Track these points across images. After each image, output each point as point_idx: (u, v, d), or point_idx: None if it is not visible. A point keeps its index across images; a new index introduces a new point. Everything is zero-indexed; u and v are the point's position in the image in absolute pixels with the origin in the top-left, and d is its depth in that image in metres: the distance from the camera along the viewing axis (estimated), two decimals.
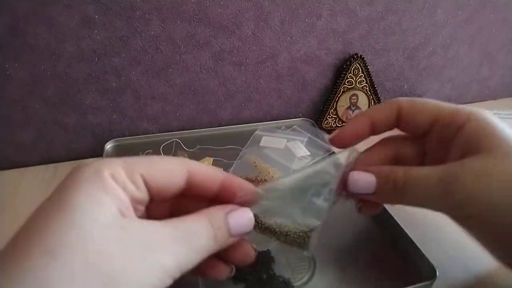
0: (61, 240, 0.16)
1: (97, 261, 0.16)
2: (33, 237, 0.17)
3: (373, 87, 0.58)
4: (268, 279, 0.31)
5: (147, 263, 0.18)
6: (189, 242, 0.20)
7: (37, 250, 0.16)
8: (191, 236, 0.20)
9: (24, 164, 0.49)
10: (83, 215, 0.17)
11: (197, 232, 0.21)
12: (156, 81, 0.49)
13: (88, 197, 0.18)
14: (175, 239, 0.20)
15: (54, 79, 0.45)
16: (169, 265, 0.19)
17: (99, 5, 0.42)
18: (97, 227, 0.17)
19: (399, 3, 0.54)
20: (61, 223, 0.17)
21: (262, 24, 0.49)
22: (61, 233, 0.16)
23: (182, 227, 0.20)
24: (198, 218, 0.21)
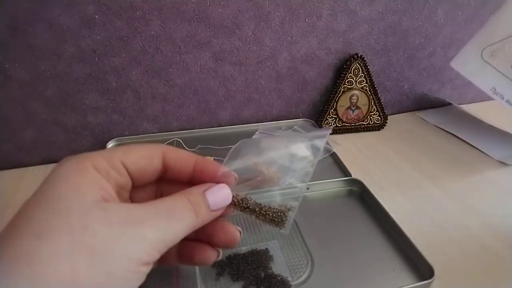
0: (47, 224, 0.18)
1: (82, 238, 0.18)
2: (22, 224, 0.18)
3: (373, 87, 0.58)
4: (266, 277, 0.31)
5: (130, 236, 0.19)
6: (169, 216, 0.21)
7: (25, 234, 0.17)
8: (171, 211, 0.21)
9: (24, 164, 0.49)
10: (67, 202, 0.18)
11: (176, 208, 0.22)
12: (156, 81, 0.49)
13: (71, 186, 0.19)
14: (156, 214, 0.21)
15: (54, 79, 0.45)
16: (151, 238, 0.20)
17: (99, 5, 0.42)
18: (81, 210, 0.18)
19: (399, 3, 0.54)
20: (47, 210, 0.18)
21: (262, 24, 0.49)
22: (47, 219, 0.18)
23: (162, 204, 0.22)
24: (176, 196, 0.23)
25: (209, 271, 0.32)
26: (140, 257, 0.19)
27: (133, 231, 0.19)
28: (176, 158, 0.25)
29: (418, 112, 0.67)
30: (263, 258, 0.33)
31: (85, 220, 0.18)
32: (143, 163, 0.24)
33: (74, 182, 0.19)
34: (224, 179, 0.25)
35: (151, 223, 0.20)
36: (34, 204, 0.19)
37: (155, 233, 0.20)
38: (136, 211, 0.20)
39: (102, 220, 0.19)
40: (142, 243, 0.19)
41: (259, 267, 0.32)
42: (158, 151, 0.24)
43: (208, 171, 0.25)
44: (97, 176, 0.21)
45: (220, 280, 0.31)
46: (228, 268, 0.32)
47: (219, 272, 0.32)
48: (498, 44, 0.52)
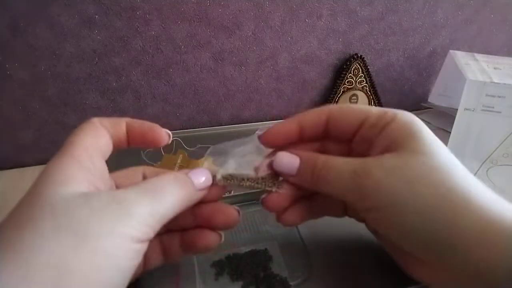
0: (31, 214, 0.18)
1: (65, 222, 0.18)
2: (11, 218, 0.19)
3: (373, 87, 0.58)
4: (265, 277, 0.31)
5: (115, 214, 0.19)
6: (157, 192, 0.22)
7: (10, 225, 0.18)
8: (159, 188, 0.22)
9: (24, 164, 0.49)
10: (50, 195, 0.19)
11: (164, 185, 0.22)
12: (156, 81, 0.49)
13: (53, 182, 0.20)
14: (143, 192, 0.21)
15: (54, 79, 0.45)
16: (139, 213, 0.20)
17: (100, 5, 0.42)
18: (64, 198, 0.19)
19: (399, 3, 0.54)
20: (33, 203, 0.19)
21: (263, 24, 0.49)
22: (33, 211, 0.18)
23: (147, 182, 0.22)
24: (163, 175, 0.23)
25: (208, 271, 0.32)
26: (130, 233, 0.19)
27: (118, 208, 0.19)
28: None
29: (420, 114, 0.66)
30: (262, 258, 0.33)
31: (69, 207, 0.18)
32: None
33: (56, 176, 0.20)
34: (155, 134, 0.26)
35: (137, 199, 0.20)
36: (21, 202, 0.19)
37: (142, 208, 0.20)
38: (120, 193, 0.21)
39: (85, 203, 0.19)
40: (130, 220, 0.19)
41: (259, 267, 0.32)
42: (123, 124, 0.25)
43: (138, 131, 0.26)
44: (81, 170, 0.21)
45: (219, 280, 0.31)
46: (227, 268, 0.32)
47: (218, 272, 0.32)
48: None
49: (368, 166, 0.24)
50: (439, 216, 0.22)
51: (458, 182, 0.22)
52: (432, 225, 0.22)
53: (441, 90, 0.63)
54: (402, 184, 0.23)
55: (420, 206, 0.22)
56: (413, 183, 0.23)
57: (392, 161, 0.24)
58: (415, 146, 0.24)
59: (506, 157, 0.50)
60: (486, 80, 0.49)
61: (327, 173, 0.25)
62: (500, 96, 0.49)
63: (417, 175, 0.23)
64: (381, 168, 0.23)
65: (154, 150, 0.49)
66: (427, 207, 0.22)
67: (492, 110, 0.50)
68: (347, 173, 0.25)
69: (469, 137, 0.51)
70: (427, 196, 0.22)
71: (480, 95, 0.49)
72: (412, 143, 0.24)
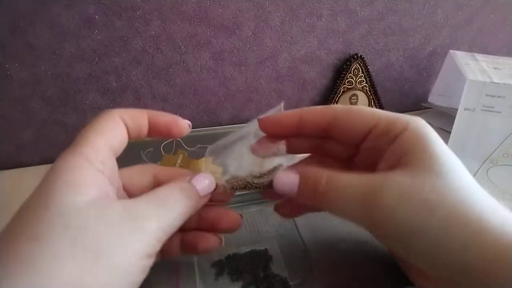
0: (45, 226, 0.17)
1: (82, 237, 0.17)
2: (19, 227, 0.18)
3: (373, 87, 0.58)
4: (265, 277, 0.31)
5: (131, 230, 0.19)
6: (166, 204, 0.22)
7: (23, 237, 0.17)
8: (167, 199, 0.22)
9: (24, 164, 0.49)
10: (64, 202, 0.18)
11: (170, 195, 0.22)
12: (156, 81, 0.49)
13: (66, 185, 0.19)
14: (153, 205, 0.21)
15: (54, 79, 0.45)
16: (152, 229, 0.20)
17: (100, 5, 0.42)
18: (78, 209, 0.18)
19: (399, 3, 0.54)
20: (44, 211, 0.18)
21: (263, 24, 0.49)
22: (45, 220, 0.18)
23: (157, 195, 0.22)
24: (167, 185, 0.23)
25: (208, 271, 0.32)
26: (144, 249, 0.19)
27: (133, 224, 0.19)
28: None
29: (420, 114, 0.66)
30: (262, 258, 0.33)
31: (84, 220, 0.18)
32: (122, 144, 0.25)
33: (67, 181, 0.19)
34: (176, 126, 0.26)
35: (151, 214, 0.21)
36: (31, 205, 0.19)
37: (154, 223, 0.20)
38: (133, 205, 0.21)
39: (101, 218, 0.19)
40: (143, 235, 0.19)
41: (258, 267, 0.32)
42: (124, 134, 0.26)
43: (162, 123, 0.26)
44: (91, 172, 0.21)
45: (219, 280, 0.31)
46: (227, 268, 0.32)
47: (218, 272, 0.32)
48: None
49: (378, 189, 0.22)
50: (454, 240, 0.21)
51: (473, 203, 0.21)
52: (447, 248, 0.21)
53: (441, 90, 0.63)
54: (417, 209, 0.21)
55: (436, 231, 0.21)
56: (428, 208, 0.21)
57: (405, 183, 0.22)
58: (429, 164, 0.22)
59: (506, 157, 0.50)
60: (486, 80, 0.49)
61: (331, 195, 0.24)
62: (500, 96, 0.49)
63: (433, 198, 0.21)
64: (394, 193, 0.22)
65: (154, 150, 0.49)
66: (443, 231, 0.21)
67: (492, 110, 0.50)
68: (354, 197, 0.23)
69: (469, 137, 0.51)
70: (442, 221, 0.21)
71: (480, 95, 0.49)
72: (425, 160, 0.22)
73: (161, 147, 0.50)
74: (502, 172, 0.49)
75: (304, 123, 0.27)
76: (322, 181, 0.24)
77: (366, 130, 0.25)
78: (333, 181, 0.24)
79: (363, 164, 0.27)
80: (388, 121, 0.25)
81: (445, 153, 0.23)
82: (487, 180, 0.48)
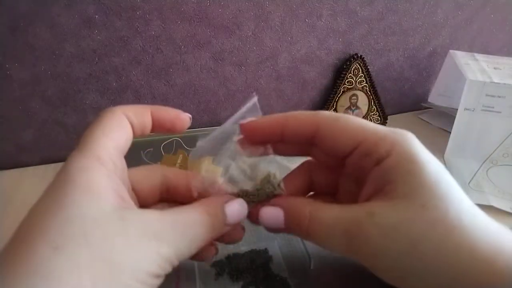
0: (64, 234, 0.17)
1: (101, 252, 0.17)
2: (36, 233, 0.17)
3: (373, 87, 0.58)
4: (265, 278, 0.31)
5: (147, 251, 0.19)
6: (187, 231, 0.21)
7: (40, 245, 0.16)
8: (189, 225, 0.21)
9: (24, 164, 0.49)
10: (82, 209, 0.18)
11: (195, 222, 0.21)
12: (156, 81, 0.49)
13: (83, 189, 0.19)
14: (174, 229, 0.20)
15: (54, 79, 0.45)
16: (168, 254, 0.20)
17: (100, 5, 0.42)
18: (97, 219, 0.18)
19: (399, 3, 0.54)
20: (61, 218, 0.17)
21: (263, 24, 0.49)
22: (62, 228, 0.17)
23: (181, 218, 0.21)
24: (196, 209, 0.22)
25: (208, 271, 0.32)
26: (155, 271, 0.19)
27: (150, 246, 0.19)
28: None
29: (420, 114, 0.66)
30: (262, 258, 0.33)
31: (103, 231, 0.18)
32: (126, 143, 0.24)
33: (84, 185, 0.19)
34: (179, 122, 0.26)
35: (170, 239, 0.20)
36: (46, 210, 0.18)
37: (173, 249, 0.20)
38: (153, 224, 0.20)
39: (120, 231, 0.18)
40: (157, 258, 0.19)
41: (258, 267, 0.32)
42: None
43: (166, 118, 0.25)
44: (105, 173, 0.20)
45: (219, 280, 0.31)
46: (227, 268, 0.32)
47: (218, 272, 0.32)
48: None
49: (361, 225, 0.21)
50: (444, 275, 0.20)
51: (465, 234, 0.20)
52: (437, 282, 0.20)
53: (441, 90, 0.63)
54: (402, 246, 0.20)
55: (424, 267, 0.20)
56: (415, 243, 0.20)
57: (389, 218, 0.21)
58: (414, 196, 0.21)
59: (506, 157, 0.50)
60: (486, 80, 0.49)
61: (315, 230, 0.23)
62: (500, 96, 0.49)
63: (420, 233, 0.20)
64: (377, 229, 0.21)
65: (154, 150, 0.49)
66: (432, 267, 0.20)
67: (492, 110, 0.50)
68: (338, 232, 0.22)
69: (469, 137, 0.51)
70: (431, 256, 0.20)
71: (480, 95, 0.49)
72: (412, 189, 0.21)
73: (161, 147, 0.50)
74: (502, 172, 0.49)
75: (287, 131, 0.26)
76: (305, 217, 0.23)
77: (350, 148, 0.24)
78: (317, 217, 0.23)
79: (350, 177, 0.26)
80: (373, 141, 0.23)
81: (434, 178, 0.21)
82: (487, 180, 0.48)
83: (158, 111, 0.25)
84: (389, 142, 0.22)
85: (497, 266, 0.20)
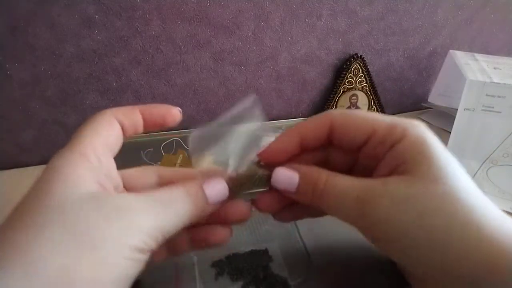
0: (42, 216, 0.18)
1: (75, 229, 0.18)
2: (17, 217, 0.18)
3: (373, 87, 0.58)
4: (265, 278, 0.31)
5: (125, 224, 0.19)
6: (167, 205, 0.21)
7: (18, 226, 0.18)
8: (168, 200, 0.21)
9: (24, 164, 0.49)
10: (60, 195, 0.19)
11: (174, 197, 0.22)
12: (156, 81, 0.49)
13: (63, 179, 0.19)
14: (152, 203, 0.21)
15: (54, 79, 0.45)
16: (147, 226, 0.20)
17: (100, 5, 0.42)
18: (73, 201, 0.18)
19: (399, 3, 0.54)
20: (40, 204, 0.18)
21: (262, 24, 0.49)
22: (40, 212, 0.18)
23: (160, 195, 0.22)
24: (174, 186, 0.23)
25: (208, 271, 0.32)
26: (136, 244, 0.19)
27: (128, 218, 0.19)
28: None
29: (420, 114, 0.66)
30: (262, 258, 0.33)
31: (79, 211, 0.18)
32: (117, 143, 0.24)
33: (65, 175, 0.19)
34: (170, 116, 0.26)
35: (148, 211, 0.20)
36: (30, 198, 0.19)
37: (151, 221, 0.20)
38: (131, 200, 0.20)
39: (95, 209, 0.19)
40: (137, 231, 0.19)
41: (259, 267, 0.32)
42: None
43: (155, 115, 0.26)
44: (88, 166, 0.21)
45: (219, 280, 0.31)
46: (227, 268, 0.32)
47: (218, 272, 0.32)
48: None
49: (374, 193, 0.22)
50: (451, 249, 0.21)
51: (473, 211, 0.21)
52: (443, 258, 0.21)
53: (441, 90, 0.63)
54: (412, 217, 0.21)
55: (432, 240, 0.21)
56: (425, 216, 0.21)
57: (401, 190, 0.22)
58: (427, 171, 0.22)
59: (506, 157, 0.50)
60: (486, 80, 0.49)
61: (329, 195, 0.24)
62: (500, 96, 0.49)
63: (430, 206, 0.21)
64: (389, 198, 0.21)
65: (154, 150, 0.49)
66: (440, 240, 0.21)
67: (492, 110, 0.50)
68: (350, 198, 0.23)
69: (469, 137, 0.51)
70: (439, 230, 0.21)
71: (480, 95, 0.49)
72: (423, 167, 0.22)
73: (161, 147, 0.50)
74: (502, 172, 0.49)
75: (304, 140, 0.26)
76: (321, 181, 0.24)
77: (364, 138, 0.25)
78: (332, 181, 0.24)
79: (360, 169, 0.27)
80: (386, 128, 0.24)
81: (444, 159, 0.22)
82: (487, 180, 0.48)
83: (147, 109, 0.25)
84: (401, 128, 0.23)
85: (503, 247, 0.20)
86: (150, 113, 0.25)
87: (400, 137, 0.23)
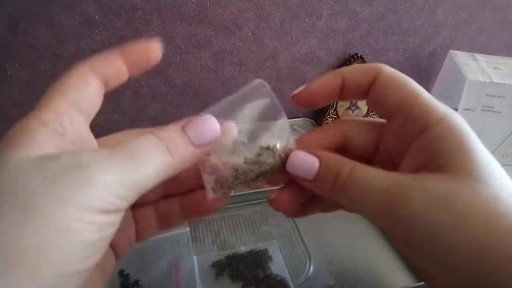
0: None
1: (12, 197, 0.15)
2: None
3: None
4: (265, 277, 0.31)
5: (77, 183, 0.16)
6: (133, 158, 0.18)
7: None
8: (133, 150, 0.18)
9: None
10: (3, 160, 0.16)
11: (140, 147, 0.18)
12: (156, 81, 0.49)
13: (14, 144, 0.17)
14: (114, 157, 0.18)
15: (54, 79, 0.44)
16: (109, 183, 0.17)
17: (100, 5, 0.42)
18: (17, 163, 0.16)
19: (399, 3, 0.54)
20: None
21: (262, 24, 0.49)
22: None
23: (123, 146, 0.18)
24: (141, 136, 0.19)
25: (209, 271, 0.32)
26: (96, 205, 0.16)
27: (78, 174, 0.16)
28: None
29: None
30: (262, 258, 0.33)
31: (17, 175, 0.16)
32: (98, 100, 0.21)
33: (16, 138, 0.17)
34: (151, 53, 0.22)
35: (104, 165, 0.17)
36: None
37: (113, 176, 0.17)
38: (88, 156, 0.17)
39: (37, 172, 0.16)
40: (96, 190, 0.16)
41: (258, 267, 0.32)
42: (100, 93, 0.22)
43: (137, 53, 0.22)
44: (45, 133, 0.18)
45: (219, 280, 0.31)
46: (227, 268, 0.32)
47: (218, 272, 0.32)
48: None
49: (406, 188, 0.19)
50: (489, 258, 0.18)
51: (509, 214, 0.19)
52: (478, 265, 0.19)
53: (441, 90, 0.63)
54: (451, 218, 0.19)
55: (470, 243, 0.18)
56: (465, 217, 0.19)
57: (439, 187, 0.19)
58: (468, 168, 0.19)
59: (506, 157, 0.50)
60: (486, 80, 0.49)
61: (354, 186, 0.21)
62: (500, 96, 0.49)
63: (471, 207, 0.19)
64: (424, 195, 0.19)
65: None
66: (478, 244, 0.18)
67: (492, 110, 0.50)
68: (379, 191, 0.20)
69: None
70: (480, 233, 0.18)
71: (480, 95, 0.49)
72: (464, 162, 0.19)
73: None
74: None
75: (346, 87, 0.24)
76: (346, 170, 0.21)
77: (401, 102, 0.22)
78: (358, 171, 0.21)
79: (382, 157, 0.24)
80: (427, 106, 0.21)
81: (485, 156, 0.20)
82: None
83: (127, 49, 0.22)
84: (442, 112, 0.21)
85: None
86: (131, 52, 0.22)
87: (438, 120, 0.21)
